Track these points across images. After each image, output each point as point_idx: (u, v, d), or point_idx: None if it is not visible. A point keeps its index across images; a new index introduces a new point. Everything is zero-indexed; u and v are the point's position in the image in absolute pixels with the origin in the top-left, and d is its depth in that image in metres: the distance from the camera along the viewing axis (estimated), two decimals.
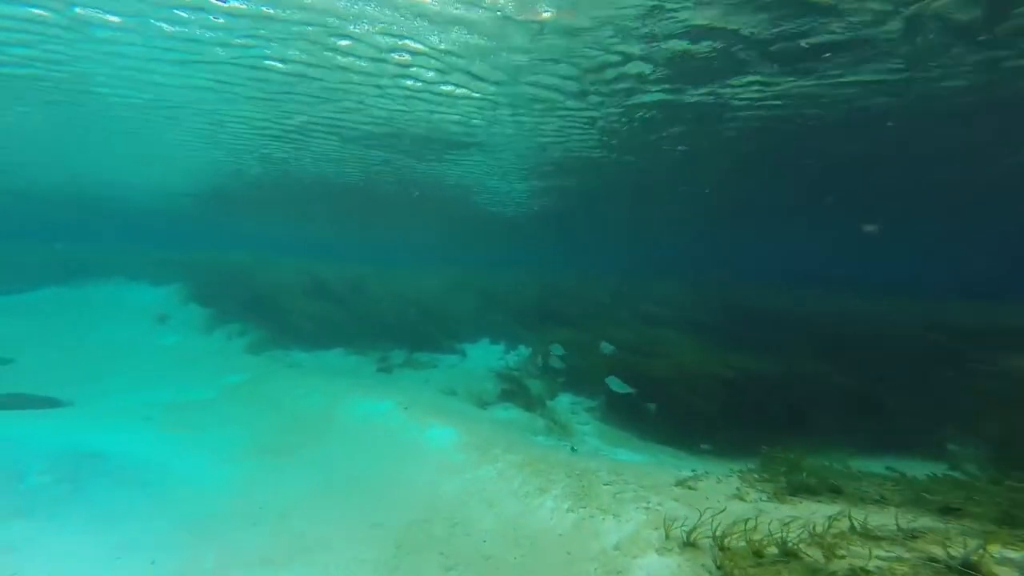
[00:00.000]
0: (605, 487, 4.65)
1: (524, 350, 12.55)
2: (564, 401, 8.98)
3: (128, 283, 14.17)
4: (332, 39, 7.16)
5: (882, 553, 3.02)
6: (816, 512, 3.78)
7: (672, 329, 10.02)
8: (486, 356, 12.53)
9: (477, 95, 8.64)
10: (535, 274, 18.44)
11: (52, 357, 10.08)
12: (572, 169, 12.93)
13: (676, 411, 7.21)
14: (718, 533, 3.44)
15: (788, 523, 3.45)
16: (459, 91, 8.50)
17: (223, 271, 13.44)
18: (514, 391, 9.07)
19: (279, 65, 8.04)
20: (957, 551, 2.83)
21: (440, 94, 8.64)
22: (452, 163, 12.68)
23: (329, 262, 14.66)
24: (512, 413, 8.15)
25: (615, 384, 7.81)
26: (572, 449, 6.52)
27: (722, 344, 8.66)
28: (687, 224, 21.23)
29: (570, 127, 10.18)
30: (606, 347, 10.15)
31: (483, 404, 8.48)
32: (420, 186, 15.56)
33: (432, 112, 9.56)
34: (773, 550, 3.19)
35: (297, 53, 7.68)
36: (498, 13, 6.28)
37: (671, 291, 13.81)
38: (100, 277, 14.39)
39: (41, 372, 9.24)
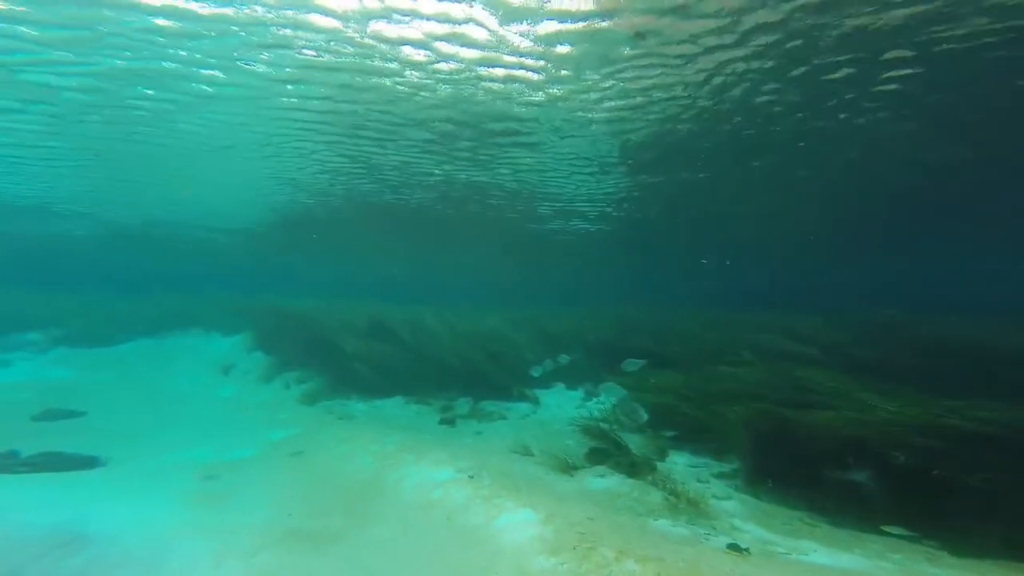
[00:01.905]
0: None
1: (609, 396, 10.36)
2: (680, 463, 6.69)
3: (204, 334, 14.35)
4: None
5: None
6: None
7: (825, 369, 7.42)
8: (563, 404, 10.52)
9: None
10: (610, 308, 16.25)
11: (119, 411, 9.77)
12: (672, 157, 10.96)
13: (891, 480, 4.70)
14: None
15: None
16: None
17: (286, 317, 13.04)
18: (607, 450, 6.95)
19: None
20: None
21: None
22: (516, 156, 11.25)
23: (388, 303, 13.88)
24: (611, 481, 6.04)
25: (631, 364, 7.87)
26: (734, 547, 4.23)
27: (915, 389, 5.99)
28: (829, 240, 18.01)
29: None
30: (631, 364, 8.68)
31: (569, 469, 6.47)
32: (477, 201, 14.51)
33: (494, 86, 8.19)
34: None
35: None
36: None
37: (805, 324, 10.99)
38: (181, 328, 14.78)
39: (103, 426, 8.82)
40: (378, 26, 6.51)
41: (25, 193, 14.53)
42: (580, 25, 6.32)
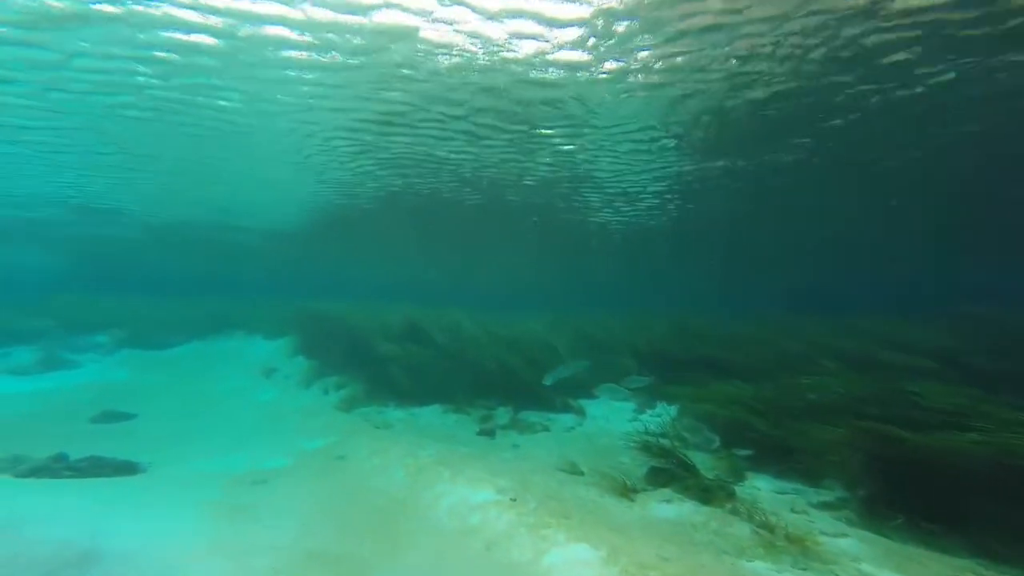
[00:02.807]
0: None
1: (666, 408, 9.35)
2: (763, 488, 5.66)
3: (249, 337, 14.61)
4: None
5: None
6: None
7: (944, 383, 6.12)
8: (612, 416, 9.60)
9: None
10: (665, 312, 14.98)
11: (166, 413, 9.89)
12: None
13: None
14: None
15: None
16: None
17: (327, 320, 12.95)
18: (671, 470, 6.03)
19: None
20: None
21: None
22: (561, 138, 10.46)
23: (426, 306, 13.48)
24: (681, 509, 5.14)
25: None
26: None
27: None
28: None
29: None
30: (636, 381, 8.34)
31: (627, 492, 5.62)
32: (514, 190, 13.88)
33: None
34: None
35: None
36: None
37: (899, 328, 9.50)
38: (228, 331, 15.16)
39: (149, 430, 8.89)
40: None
41: (103, 195, 15.42)
42: None
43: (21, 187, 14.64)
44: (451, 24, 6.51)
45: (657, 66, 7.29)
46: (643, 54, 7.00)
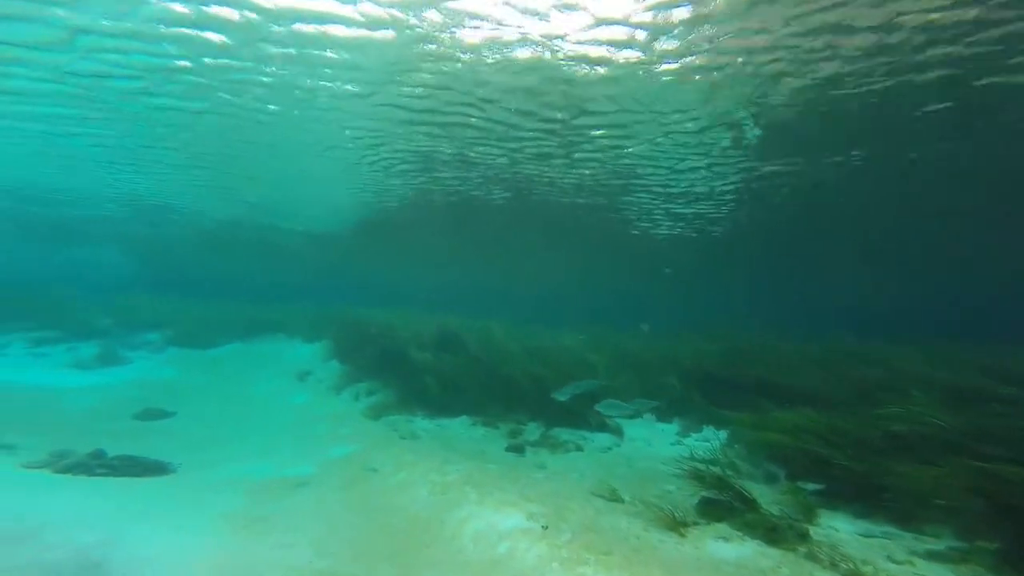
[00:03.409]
0: None
1: (715, 433, 8.51)
2: (843, 530, 4.88)
3: (289, 339, 14.87)
4: None
5: None
6: None
7: None
8: (653, 438, 8.88)
9: None
10: (712, 331, 13.88)
11: (203, 413, 10.04)
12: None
13: None
14: None
15: None
16: None
17: (361, 326, 12.92)
18: (727, 502, 5.33)
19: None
20: None
21: None
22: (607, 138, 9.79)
23: (459, 315, 13.20)
24: (743, 549, 4.46)
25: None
26: None
27: None
28: None
29: None
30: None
31: (676, 525, 4.97)
32: (554, 196, 13.38)
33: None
34: None
35: None
36: None
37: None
38: (272, 333, 15.51)
39: (185, 430, 9.00)
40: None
41: (151, 191, 16.29)
42: None
43: (86, 185, 15.64)
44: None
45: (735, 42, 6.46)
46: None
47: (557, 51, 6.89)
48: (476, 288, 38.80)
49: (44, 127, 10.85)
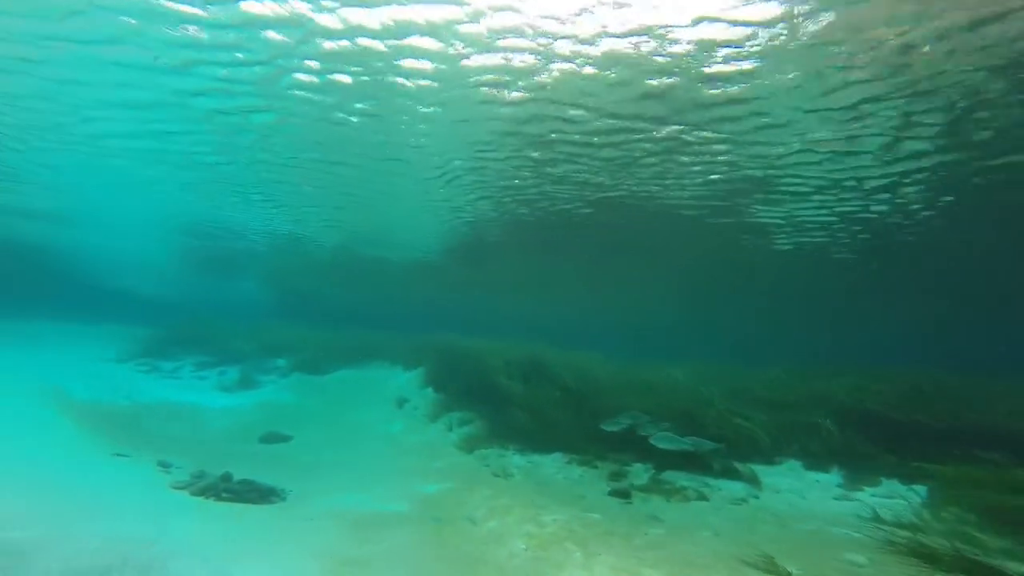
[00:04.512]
0: None
1: (902, 488, 6.77)
2: None
3: (389, 366, 15.66)
4: None
5: None
6: None
7: None
8: (804, 490, 7.36)
9: None
10: (896, 368, 11.06)
11: (314, 438, 10.77)
12: None
13: None
14: None
15: None
16: None
17: (456, 354, 13.09)
18: None
19: None
20: None
21: None
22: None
23: (552, 345, 12.67)
24: None
25: None
26: None
27: None
28: None
29: None
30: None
31: None
32: (662, 206, 12.28)
33: None
34: None
35: None
36: None
37: None
38: (375, 360, 16.52)
39: (297, 456, 9.68)
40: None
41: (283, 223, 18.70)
42: None
43: (234, 217, 18.44)
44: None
45: None
46: None
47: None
48: (572, 317, 38.00)
49: (209, 165, 12.92)
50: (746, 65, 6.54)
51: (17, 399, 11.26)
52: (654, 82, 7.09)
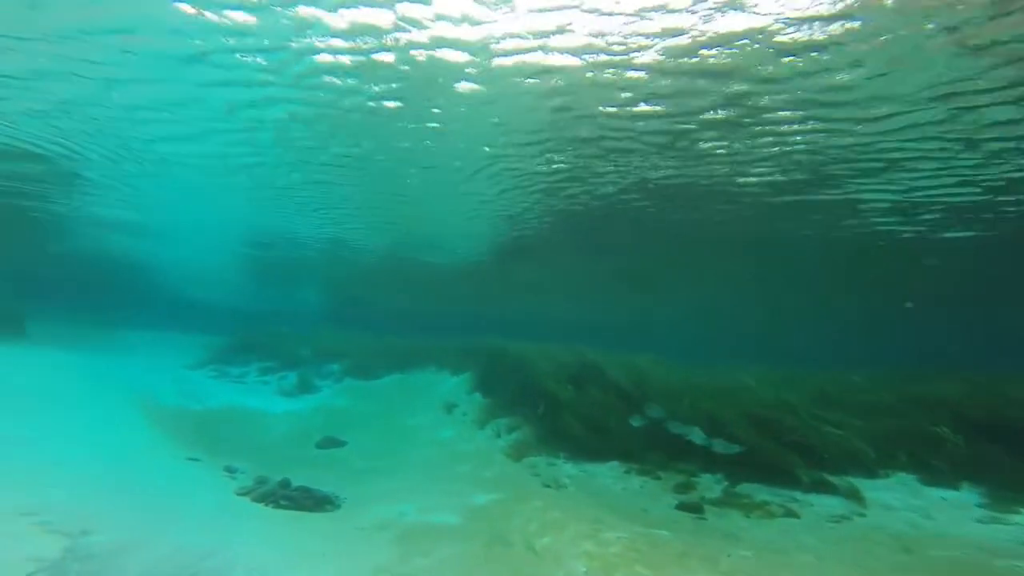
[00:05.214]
0: None
1: None
2: None
3: (438, 371, 15.81)
4: None
5: None
6: None
7: None
8: (928, 509, 6.46)
9: None
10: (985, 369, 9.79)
11: (367, 444, 10.99)
12: None
13: None
14: None
15: None
16: None
17: (502, 358, 12.95)
18: None
19: None
20: None
21: None
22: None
23: (602, 348, 12.17)
24: None
25: None
26: None
27: None
28: None
29: None
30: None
31: None
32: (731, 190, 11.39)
33: None
34: None
35: None
36: None
37: None
38: (424, 364, 16.74)
39: (352, 461, 9.89)
40: None
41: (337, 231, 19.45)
42: None
43: (293, 227, 19.42)
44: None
45: None
46: None
47: None
48: (626, 318, 36.69)
49: (272, 177, 13.64)
50: None
51: (110, 404, 12.34)
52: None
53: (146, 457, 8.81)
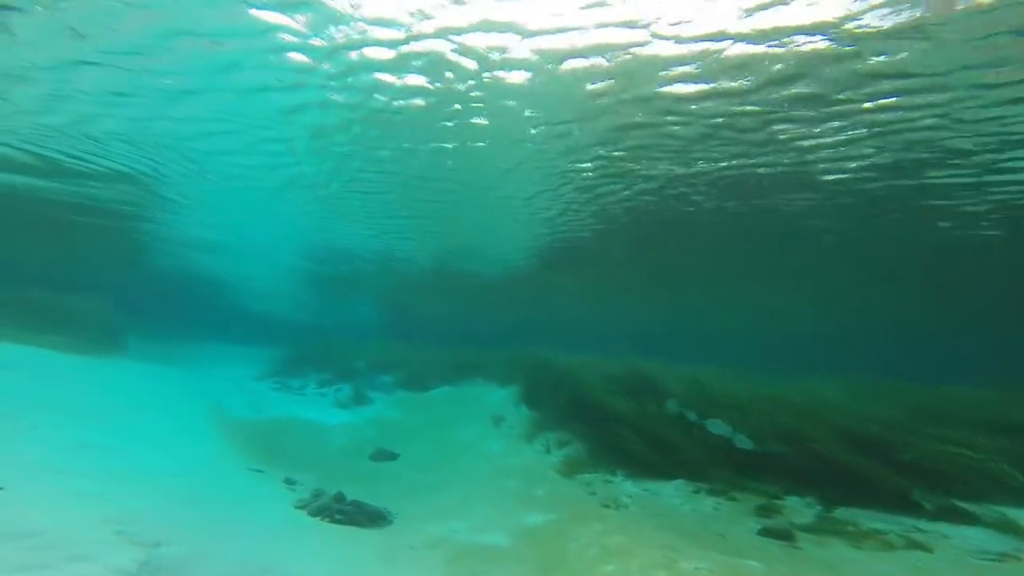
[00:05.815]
0: None
1: None
2: None
3: (486, 383, 15.71)
4: None
5: None
6: None
7: None
8: None
9: None
10: None
11: (418, 457, 11.01)
12: None
13: None
14: None
15: None
16: None
17: (549, 370, 12.62)
18: None
19: None
20: None
21: None
22: None
23: (658, 359, 11.47)
24: None
25: None
26: None
27: None
28: None
29: None
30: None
31: None
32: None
33: None
34: None
35: None
36: None
37: None
38: (472, 376, 16.73)
39: (403, 475, 9.91)
40: None
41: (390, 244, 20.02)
42: None
43: (348, 241, 20.29)
44: None
45: None
46: None
47: None
48: (684, 326, 35.00)
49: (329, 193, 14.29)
50: None
51: (187, 414, 13.25)
52: None
53: (215, 467, 9.27)
